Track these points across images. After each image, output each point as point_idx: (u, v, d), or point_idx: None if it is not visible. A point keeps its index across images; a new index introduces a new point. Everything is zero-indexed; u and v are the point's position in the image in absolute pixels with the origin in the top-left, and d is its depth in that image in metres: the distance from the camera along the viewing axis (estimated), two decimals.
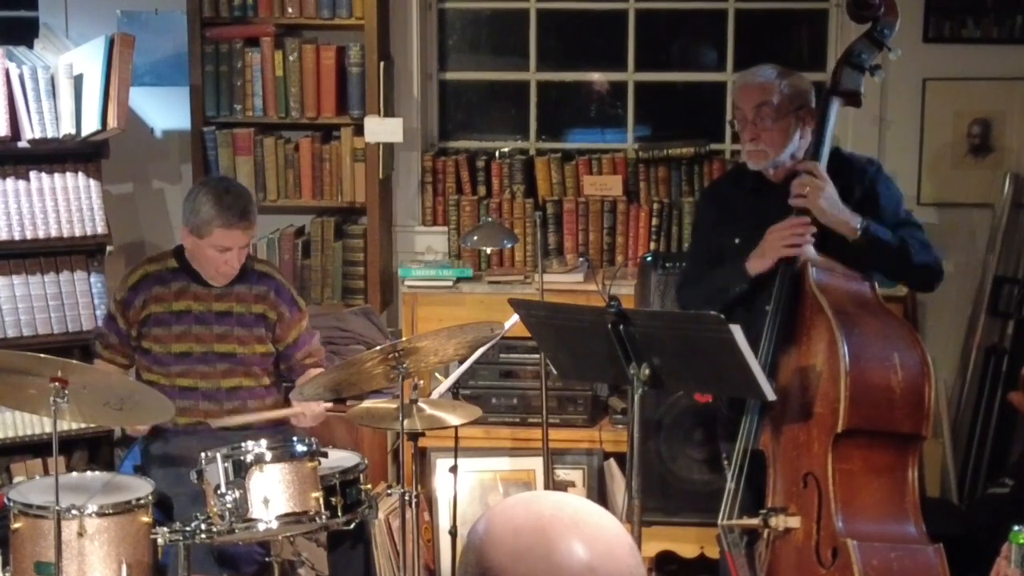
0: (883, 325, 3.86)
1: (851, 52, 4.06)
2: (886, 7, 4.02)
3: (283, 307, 4.47)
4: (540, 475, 5.03)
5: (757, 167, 4.11)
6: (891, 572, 3.65)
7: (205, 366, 4.42)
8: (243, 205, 4.32)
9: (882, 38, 4.03)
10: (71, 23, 5.63)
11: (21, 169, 5.06)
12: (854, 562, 3.61)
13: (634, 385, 3.68)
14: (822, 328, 3.81)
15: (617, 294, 3.96)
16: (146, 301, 4.42)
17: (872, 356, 3.77)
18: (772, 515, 3.84)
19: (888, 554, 3.67)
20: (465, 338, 4.15)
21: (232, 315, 4.43)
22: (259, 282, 4.47)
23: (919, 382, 3.78)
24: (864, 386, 3.74)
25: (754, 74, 4.14)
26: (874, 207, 4.04)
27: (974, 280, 5.56)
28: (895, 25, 4.05)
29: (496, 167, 5.67)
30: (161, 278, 4.44)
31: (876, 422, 3.77)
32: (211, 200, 4.30)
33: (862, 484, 3.76)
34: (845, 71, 4.04)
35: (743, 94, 4.12)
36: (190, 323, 4.42)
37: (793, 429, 3.87)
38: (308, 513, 3.88)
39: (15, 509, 3.91)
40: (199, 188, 4.41)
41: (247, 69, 5.49)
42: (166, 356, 4.42)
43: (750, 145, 4.08)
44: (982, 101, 5.50)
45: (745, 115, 4.08)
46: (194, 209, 4.32)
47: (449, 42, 5.90)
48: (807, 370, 3.85)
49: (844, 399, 3.71)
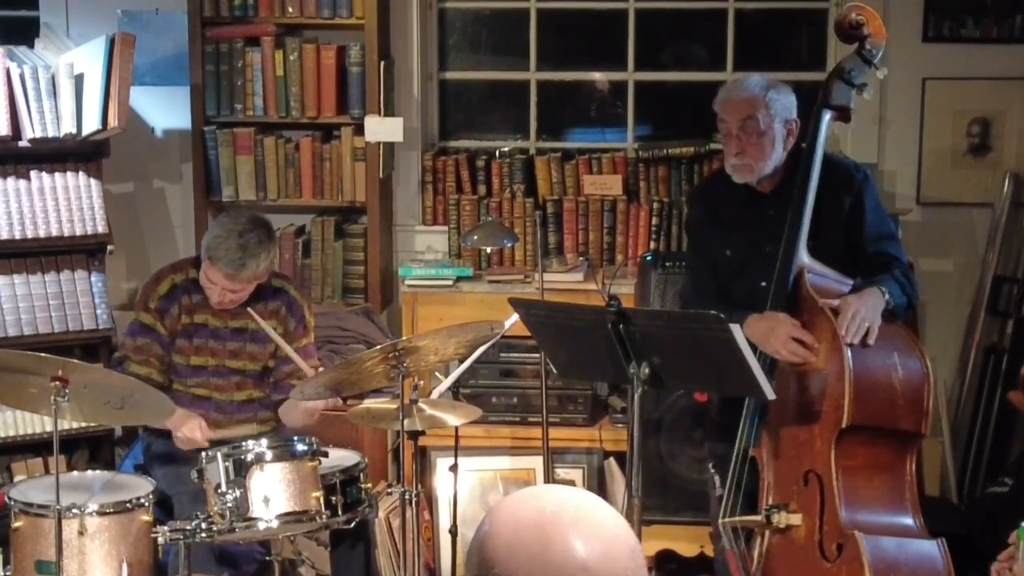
0: (881, 327, 3.88)
1: (843, 68, 4.07)
2: (873, 29, 4.03)
3: (291, 322, 4.46)
4: (540, 474, 5.03)
5: (742, 180, 4.11)
6: (897, 563, 3.71)
7: (219, 379, 4.43)
8: (242, 259, 4.21)
9: (870, 57, 4.05)
10: (72, 23, 5.63)
11: (22, 168, 5.06)
12: (863, 552, 3.66)
13: (634, 384, 3.69)
14: (823, 328, 3.83)
15: (617, 293, 3.95)
16: (180, 310, 4.39)
17: (873, 355, 3.82)
18: (774, 512, 3.86)
19: (893, 546, 3.72)
20: (465, 337, 4.15)
21: (247, 331, 4.42)
22: (274, 297, 4.45)
23: (919, 381, 3.84)
24: (867, 383, 3.78)
25: (739, 88, 4.13)
26: (859, 219, 4.06)
27: (973, 279, 5.57)
28: (882, 45, 4.07)
29: (496, 167, 5.68)
30: (186, 288, 4.42)
31: (878, 419, 3.82)
32: (222, 234, 4.24)
33: (864, 480, 3.82)
34: (837, 85, 4.06)
35: (728, 108, 4.11)
36: (207, 337, 4.41)
37: (792, 429, 3.90)
38: (308, 512, 3.88)
39: (16, 508, 3.91)
40: (227, 214, 4.38)
41: (247, 69, 5.49)
42: (184, 367, 4.42)
43: (735, 159, 4.08)
44: (981, 101, 5.51)
45: (730, 129, 4.08)
46: (211, 229, 4.33)
47: (449, 42, 5.90)
48: (808, 371, 3.87)
49: (848, 395, 3.75)
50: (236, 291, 4.30)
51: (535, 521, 1.71)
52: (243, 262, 4.22)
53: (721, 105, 4.15)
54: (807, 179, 3.98)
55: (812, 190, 3.98)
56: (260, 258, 4.25)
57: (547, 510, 1.73)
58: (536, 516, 1.72)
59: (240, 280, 4.26)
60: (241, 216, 4.37)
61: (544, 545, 1.69)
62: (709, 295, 4.10)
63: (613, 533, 1.73)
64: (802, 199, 3.97)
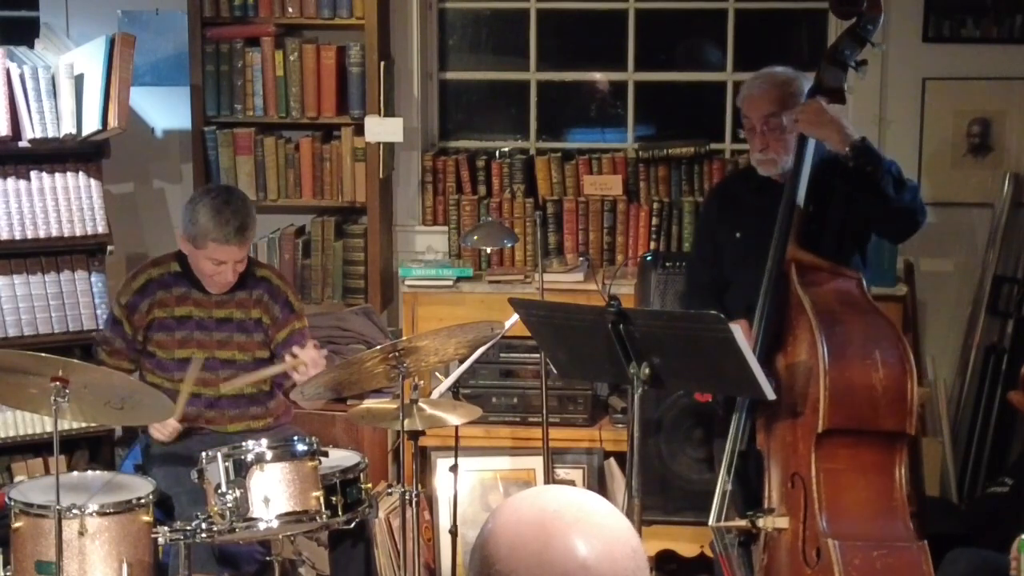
0: (866, 323, 3.85)
1: (834, 49, 4.07)
2: (869, 3, 4.01)
3: (276, 308, 4.45)
4: (540, 474, 5.03)
5: (768, 174, 4.15)
6: (874, 571, 3.65)
7: (208, 372, 4.41)
8: (241, 220, 4.27)
9: (865, 34, 4.03)
10: (72, 23, 5.63)
11: (22, 169, 5.06)
12: (835, 562, 3.62)
13: (634, 384, 3.69)
14: (804, 328, 3.82)
15: (617, 293, 3.95)
16: (151, 306, 4.41)
17: (852, 355, 3.77)
18: (760, 516, 3.85)
19: (870, 553, 3.66)
20: (465, 337, 4.16)
21: (232, 321, 4.42)
22: (257, 286, 4.46)
23: (901, 379, 3.76)
24: (844, 386, 3.73)
25: (760, 83, 4.16)
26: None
27: (974, 279, 5.57)
28: (879, 20, 4.05)
29: (496, 167, 5.68)
30: (164, 282, 4.43)
31: (858, 421, 3.76)
32: (209, 212, 4.26)
33: (848, 483, 3.76)
34: (828, 69, 4.05)
35: (751, 105, 4.14)
36: (192, 329, 4.41)
37: (782, 429, 3.89)
38: (309, 512, 3.88)
39: (16, 508, 3.91)
40: (199, 197, 4.36)
41: (247, 69, 5.49)
42: (169, 362, 4.42)
43: (759, 155, 4.11)
44: (982, 101, 5.50)
45: (753, 125, 4.11)
46: (192, 219, 4.29)
47: (449, 42, 5.90)
48: (792, 370, 3.86)
49: (824, 399, 3.71)
50: (242, 259, 4.35)
51: (536, 520, 1.72)
52: (245, 223, 4.28)
53: (744, 102, 4.19)
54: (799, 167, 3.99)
55: (805, 175, 3.98)
56: (252, 214, 4.36)
57: (549, 509, 1.73)
58: (538, 515, 1.72)
59: (248, 242, 4.35)
60: (207, 191, 4.44)
61: (544, 544, 1.69)
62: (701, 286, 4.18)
63: (614, 533, 1.73)
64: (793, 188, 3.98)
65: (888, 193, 3.93)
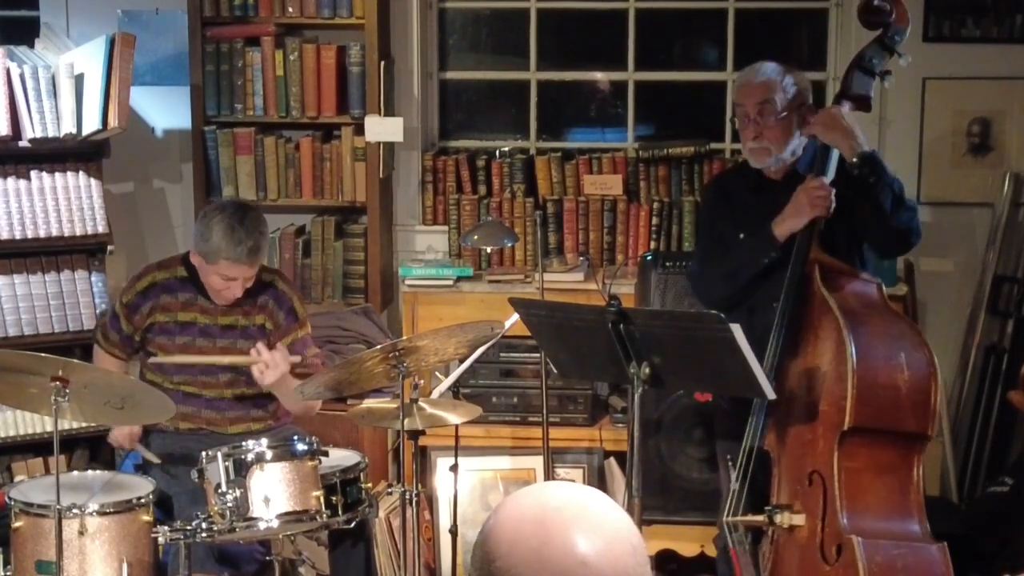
0: (890, 325, 3.88)
1: (862, 57, 4.07)
2: (897, 14, 4.03)
3: (279, 315, 4.43)
4: (540, 474, 5.03)
5: (760, 165, 4.13)
6: (895, 569, 3.67)
7: (208, 376, 4.41)
8: (254, 241, 4.23)
9: (892, 44, 4.05)
10: (72, 23, 5.63)
11: (22, 168, 5.06)
12: (859, 558, 3.63)
13: (634, 384, 3.69)
14: (830, 328, 3.82)
15: (617, 293, 3.95)
16: (152, 309, 4.39)
17: (879, 355, 3.79)
18: (777, 512, 3.85)
19: (892, 551, 3.69)
20: (465, 337, 4.15)
21: (237, 328, 4.40)
22: (263, 291, 4.43)
23: (925, 382, 3.79)
24: (871, 384, 3.75)
25: (756, 72, 4.15)
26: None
27: (974, 279, 5.57)
28: (906, 31, 4.07)
29: (496, 166, 5.68)
30: (169, 287, 4.41)
31: (882, 420, 3.78)
32: (223, 230, 4.21)
33: (867, 482, 3.78)
34: (856, 75, 4.06)
35: (745, 92, 4.14)
36: (194, 335, 4.39)
37: (799, 428, 3.89)
38: (309, 512, 3.88)
39: (16, 508, 3.91)
40: (213, 213, 4.29)
41: (248, 68, 5.49)
42: (168, 365, 4.41)
43: (752, 143, 4.10)
44: (982, 100, 5.51)
45: (747, 112, 4.10)
46: (204, 235, 4.24)
47: (449, 41, 5.90)
48: (814, 370, 3.86)
49: (851, 397, 3.73)
50: (252, 276, 4.32)
51: (537, 516, 1.71)
52: (257, 244, 4.25)
53: (738, 90, 4.20)
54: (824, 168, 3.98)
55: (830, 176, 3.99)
56: (266, 233, 4.35)
57: (550, 505, 1.73)
58: (538, 511, 1.72)
59: (259, 261, 4.32)
60: (221, 207, 4.35)
61: (544, 540, 1.69)
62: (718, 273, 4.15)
63: (615, 530, 1.72)
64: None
65: (885, 208, 3.94)
